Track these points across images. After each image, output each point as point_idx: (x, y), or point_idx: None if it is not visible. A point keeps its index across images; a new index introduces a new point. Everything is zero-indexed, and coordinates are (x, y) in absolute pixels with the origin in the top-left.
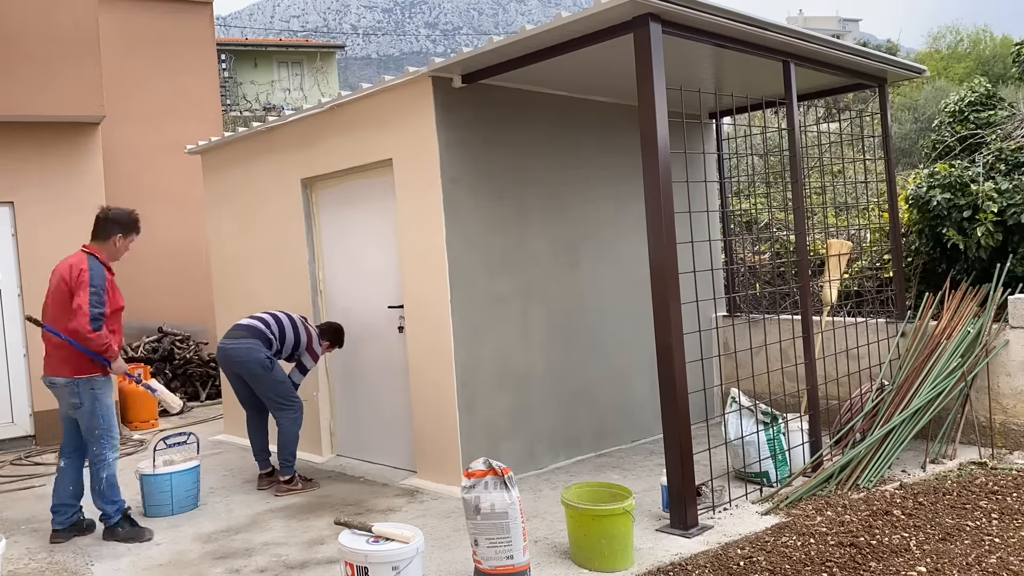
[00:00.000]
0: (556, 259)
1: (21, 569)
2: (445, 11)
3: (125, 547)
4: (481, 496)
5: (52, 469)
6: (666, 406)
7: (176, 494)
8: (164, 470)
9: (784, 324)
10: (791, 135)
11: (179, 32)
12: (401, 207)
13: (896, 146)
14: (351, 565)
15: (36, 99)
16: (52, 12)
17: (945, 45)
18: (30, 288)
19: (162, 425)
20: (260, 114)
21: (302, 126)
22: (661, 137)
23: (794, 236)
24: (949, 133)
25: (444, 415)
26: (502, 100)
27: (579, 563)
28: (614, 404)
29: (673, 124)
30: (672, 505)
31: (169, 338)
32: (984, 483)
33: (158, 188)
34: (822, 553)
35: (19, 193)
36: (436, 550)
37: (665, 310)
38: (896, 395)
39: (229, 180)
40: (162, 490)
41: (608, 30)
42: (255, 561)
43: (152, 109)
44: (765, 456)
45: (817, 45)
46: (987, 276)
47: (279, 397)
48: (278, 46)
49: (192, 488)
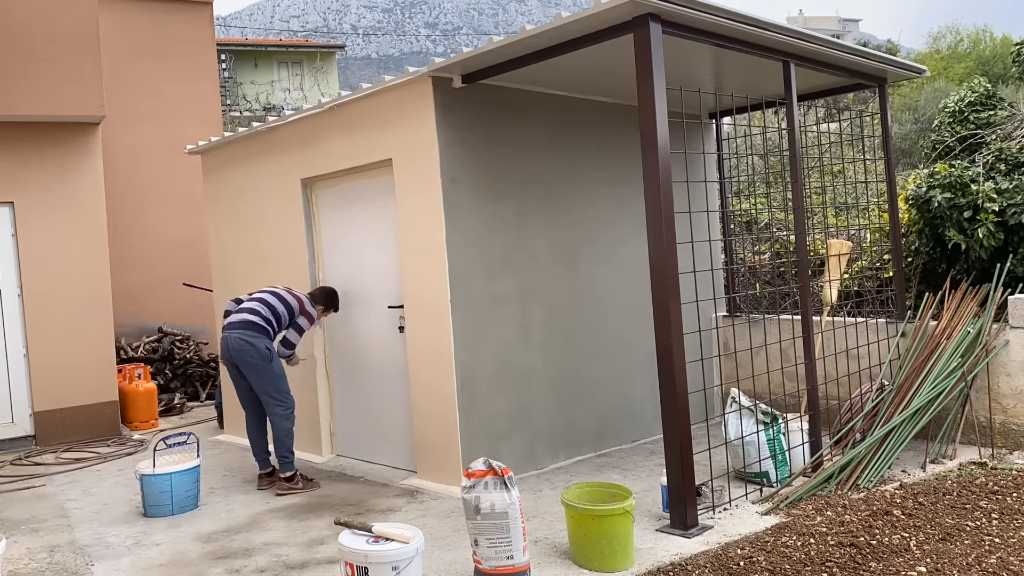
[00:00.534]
0: (556, 259)
1: (21, 569)
2: (445, 11)
3: (125, 547)
4: (481, 496)
5: (52, 469)
6: (666, 406)
7: (176, 494)
8: (164, 470)
9: (784, 324)
10: (791, 135)
11: (179, 32)
12: (401, 207)
13: (896, 146)
14: (351, 565)
15: (36, 99)
16: (52, 13)
17: (945, 45)
18: (30, 287)
19: (162, 425)
20: (260, 114)
21: (302, 126)
22: (661, 137)
23: (794, 236)
24: (949, 133)
25: (444, 415)
26: (502, 100)
27: (579, 563)
28: (614, 404)
29: (673, 124)
30: (672, 505)
31: (169, 338)
32: (984, 483)
33: (158, 188)
34: (822, 553)
35: (19, 193)
36: (436, 550)
37: (665, 310)
38: (896, 395)
39: (229, 180)
40: (162, 490)
41: (608, 30)
42: (255, 561)
43: (152, 109)
44: (765, 456)
45: (817, 45)
46: (987, 276)
47: (275, 392)
48: (278, 46)
49: (192, 488)
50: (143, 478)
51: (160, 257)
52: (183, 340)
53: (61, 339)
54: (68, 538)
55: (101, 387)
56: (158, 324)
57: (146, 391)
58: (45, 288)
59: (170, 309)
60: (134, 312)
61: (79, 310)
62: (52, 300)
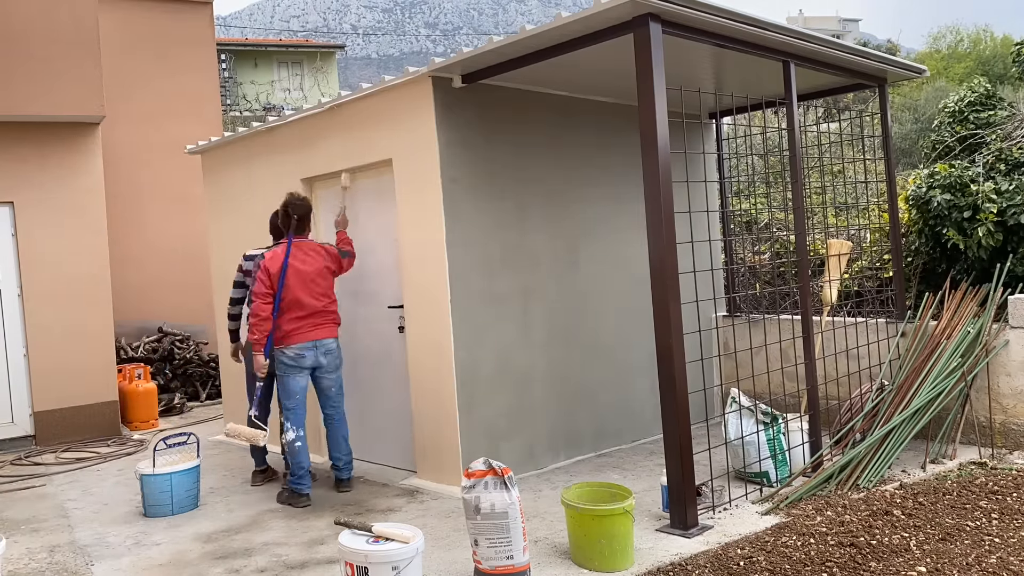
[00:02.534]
0: (556, 259)
1: (21, 569)
2: (445, 11)
3: (125, 547)
4: (481, 496)
5: (52, 469)
6: (666, 406)
7: (176, 494)
8: (164, 470)
9: (784, 324)
10: (791, 135)
11: (179, 32)
12: (401, 207)
13: (896, 146)
14: (351, 565)
15: (36, 99)
16: (52, 12)
17: (945, 45)
18: (30, 287)
19: (162, 425)
20: (260, 114)
21: (302, 126)
22: (661, 137)
23: (794, 236)
24: (949, 133)
25: (444, 415)
26: (502, 100)
27: (579, 563)
28: (614, 404)
29: (673, 124)
30: (672, 505)
31: (169, 338)
32: (984, 483)
33: (158, 188)
34: (822, 553)
35: (19, 193)
36: (436, 550)
37: (665, 310)
38: (896, 395)
39: (229, 180)
40: (162, 490)
41: (608, 30)
42: (255, 561)
43: (152, 109)
44: (765, 456)
45: (817, 45)
46: (987, 276)
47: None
48: (278, 46)
49: (192, 488)
50: (143, 478)
51: (160, 257)
52: (183, 340)
53: (61, 339)
54: (68, 538)
55: (101, 387)
56: (158, 324)
57: (146, 391)
58: (45, 288)
59: (170, 309)
60: (134, 312)
61: (79, 310)
62: (52, 300)
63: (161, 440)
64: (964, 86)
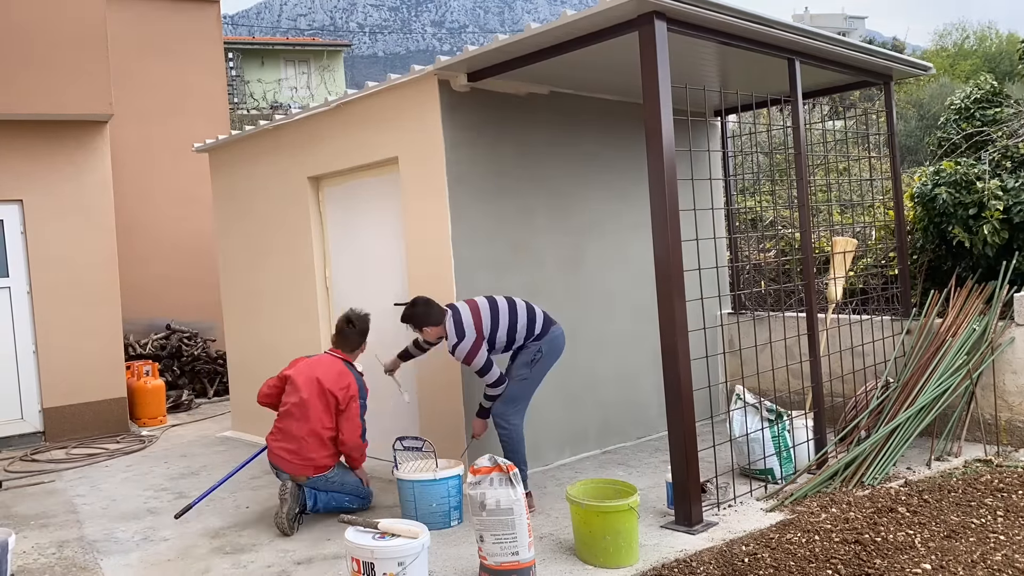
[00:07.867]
0: (561, 256)
1: (30, 564)
2: (451, 9)
3: (133, 542)
4: (486, 492)
5: (62, 465)
6: (671, 403)
7: (452, 503)
8: (442, 475)
9: (789, 321)
10: (796, 133)
11: (186, 31)
12: (407, 205)
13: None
14: (357, 561)
15: (45, 98)
16: (60, 11)
17: (951, 42)
18: (39, 285)
19: (171, 421)
20: (267, 112)
21: (309, 124)
22: (666, 135)
23: (799, 234)
24: (955, 130)
25: (450, 411)
26: (508, 98)
27: (584, 559)
28: (619, 401)
29: (678, 122)
30: (677, 502)
31: (177, 335)
32: (989, 480)
33: (165, 186)
34: (827, 550)
35: (28, 191)
36: (442, 546)
37: (670, 307)
38: (901, 392)
39: (236, 178)
40: (442, 496)
41: (613, 28)
42: (262, 557)
43: (159, 108)
44: (770, 453)
45: (822, 43)
46: (993, 273)
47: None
48: (285, 45)
49: (448, 500)
50: (417, 484)
51: (168, 254)
52: (191, 337)
53: (70, 336)
54: (77, 533)
55: (110, 384)
56: (166, 321)
57: (154, 388)
58: (54, 285)
59: (178, 306)
60: (142, 309)
61: (88, 307)
62: (61, 297)
63: (397, 440)
64: (970, 83)
